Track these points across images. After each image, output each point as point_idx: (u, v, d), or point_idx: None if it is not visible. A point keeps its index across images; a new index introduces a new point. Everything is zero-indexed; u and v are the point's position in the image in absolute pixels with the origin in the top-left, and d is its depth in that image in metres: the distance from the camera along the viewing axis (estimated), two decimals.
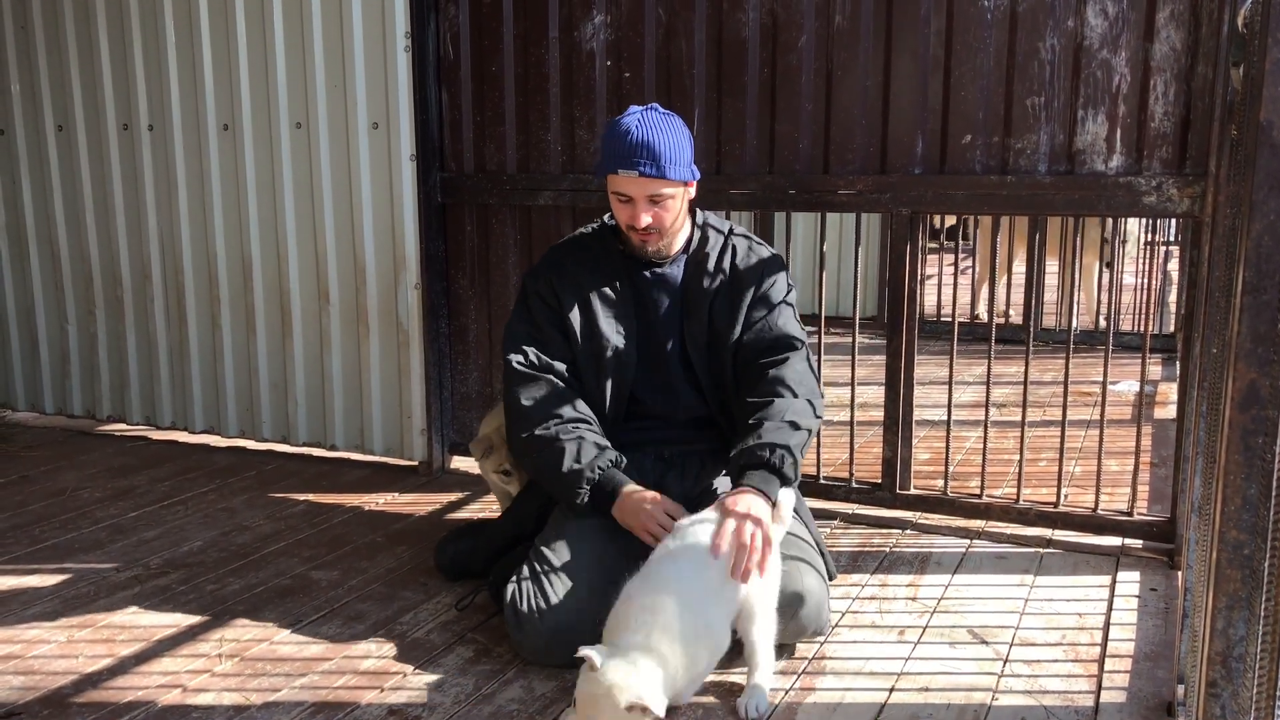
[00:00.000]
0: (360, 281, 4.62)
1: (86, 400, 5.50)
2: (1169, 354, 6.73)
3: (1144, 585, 3.38)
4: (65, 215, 5.35)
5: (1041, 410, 5.35)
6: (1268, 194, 1.42)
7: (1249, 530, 1.49)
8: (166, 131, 4.95)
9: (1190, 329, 3.41)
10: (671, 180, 2.87)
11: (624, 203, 2.92)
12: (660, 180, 2.85)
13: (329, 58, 4.50)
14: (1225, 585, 1.52)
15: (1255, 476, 1.48)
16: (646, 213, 2.89)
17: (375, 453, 4.73)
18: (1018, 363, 4.60)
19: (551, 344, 3.09)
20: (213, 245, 4.94)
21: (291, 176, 4.68)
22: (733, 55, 3.88)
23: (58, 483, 4.55)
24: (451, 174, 4.45)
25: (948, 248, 9.94)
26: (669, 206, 2.92)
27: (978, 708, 2.65)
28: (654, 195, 2.87)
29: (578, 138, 4.19)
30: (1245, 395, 1.46)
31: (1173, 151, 3.36)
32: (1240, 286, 1.46)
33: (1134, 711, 2.63)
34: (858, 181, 3.74)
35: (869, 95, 3.72)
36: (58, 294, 5.46)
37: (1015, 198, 3.56)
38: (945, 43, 3.59)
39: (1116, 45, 3.38)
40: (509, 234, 4.39)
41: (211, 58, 4.77)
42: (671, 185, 2.89)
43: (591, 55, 4.11)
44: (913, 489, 3.99)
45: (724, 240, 3.13)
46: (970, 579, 3.44)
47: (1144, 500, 3.83)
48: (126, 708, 2.71)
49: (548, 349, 3.09)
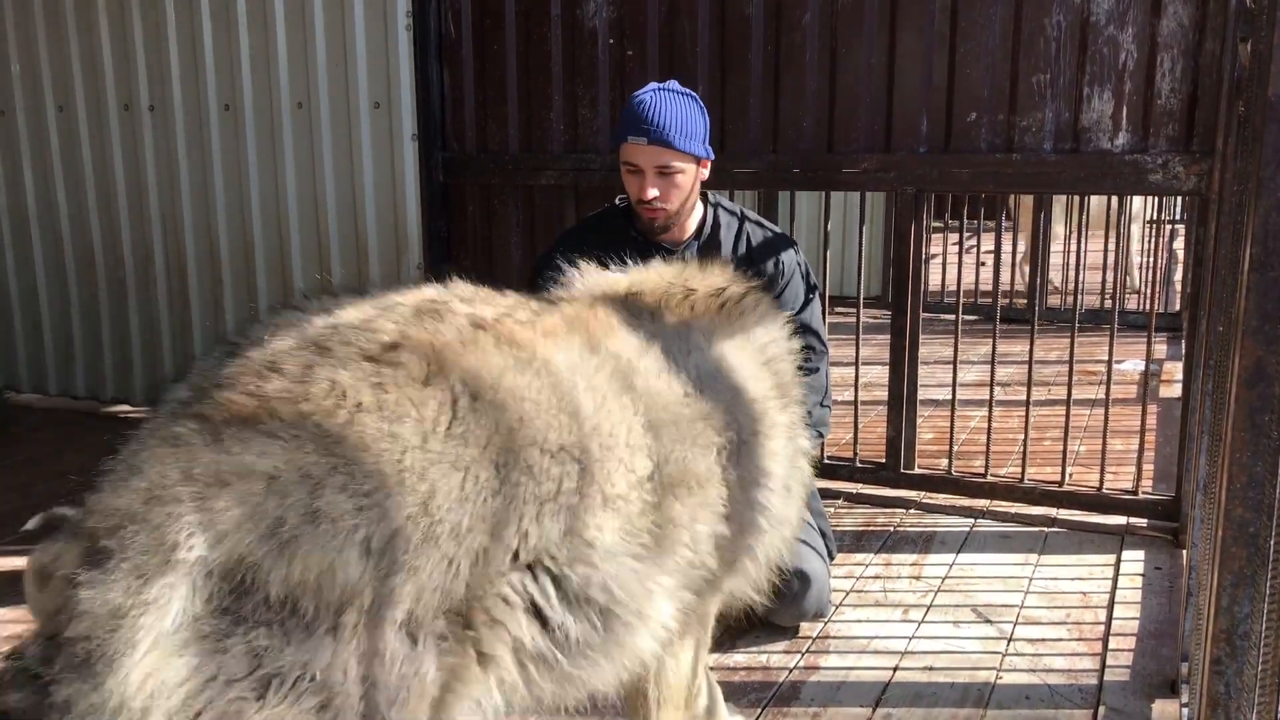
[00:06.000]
0: (363, 262, 4.61)
1: (90, 382, 5.50)
2: (1174, 333, 6.70)
3: (1148, 564, 3.38)
4: (67, 197, 5.34)
5: (1046, 389, 5.34)
6: (1276, 170, 1.41)
7: (1254, 508, 1.49)
8: (168, 112, 4.93)
9: (1196, 307, 3.39)
10: (680, 151, 2.83)
11: (632, 173, 2.89)
12: (668, 150, 2.82)
13: (330, 37, 4.47)
14: (1230, 563, 1.52)
15: (1261, 454, 1.47)
16: (653, 184, 2.86)
17: None
18: (1022, 342, 4.59)
19: None
20: (215, 226, 4.93)
21: (293, 157, 4.66)
22: (736, 33, 3.85)
23: (62, 464, 4.56)
24: (453, 154, 4.43)
25: (952, 226, 9.91)
26: (677, 181, 2.88)
27: (982, 686, 2.65)
28: (662, 167, 2.84)
29: (580, 116, 4.16)
30: (1252, 372, 1.45)
31: (1179, 129, 3.34)
32: (1247, 264, 1.45)
33: (1138, 689, 2.63)
34: (862, 160, 3.72)
35: (874, 73, 3.69)
36: (60, 276, 5.45)
37: (1021, 176, 3.53)
38: (950, 19, 3.55)
39: (1123, 21, 3.35)
40: (512, 214, 4.37)
41: (212, 37, 4.74)
42: (680, 158, 2.85)
43: (594, 33, 4.08)
44: (917, 468, 3.99)
45: (738, 226, 3.09)
46: (974, 558, 3.45)
47: (1149, 479, 3.82)
48: None
49: None
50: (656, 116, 2.80)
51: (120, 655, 1.18)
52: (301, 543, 1.25)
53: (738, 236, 3.08)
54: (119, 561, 1.20)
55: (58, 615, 1.23)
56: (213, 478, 1.25)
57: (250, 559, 1.23)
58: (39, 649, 1.23)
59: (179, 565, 1.21)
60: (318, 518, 1.27)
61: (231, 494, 1.24)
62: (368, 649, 1.31)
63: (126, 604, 1.19)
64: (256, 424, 1.31)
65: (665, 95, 2.85)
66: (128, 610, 1.19)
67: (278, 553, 1.24)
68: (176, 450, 1.28)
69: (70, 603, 1.20)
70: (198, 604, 1.22)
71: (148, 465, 1.27)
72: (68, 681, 1.18)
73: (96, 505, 1.27)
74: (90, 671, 1.18)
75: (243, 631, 1.23)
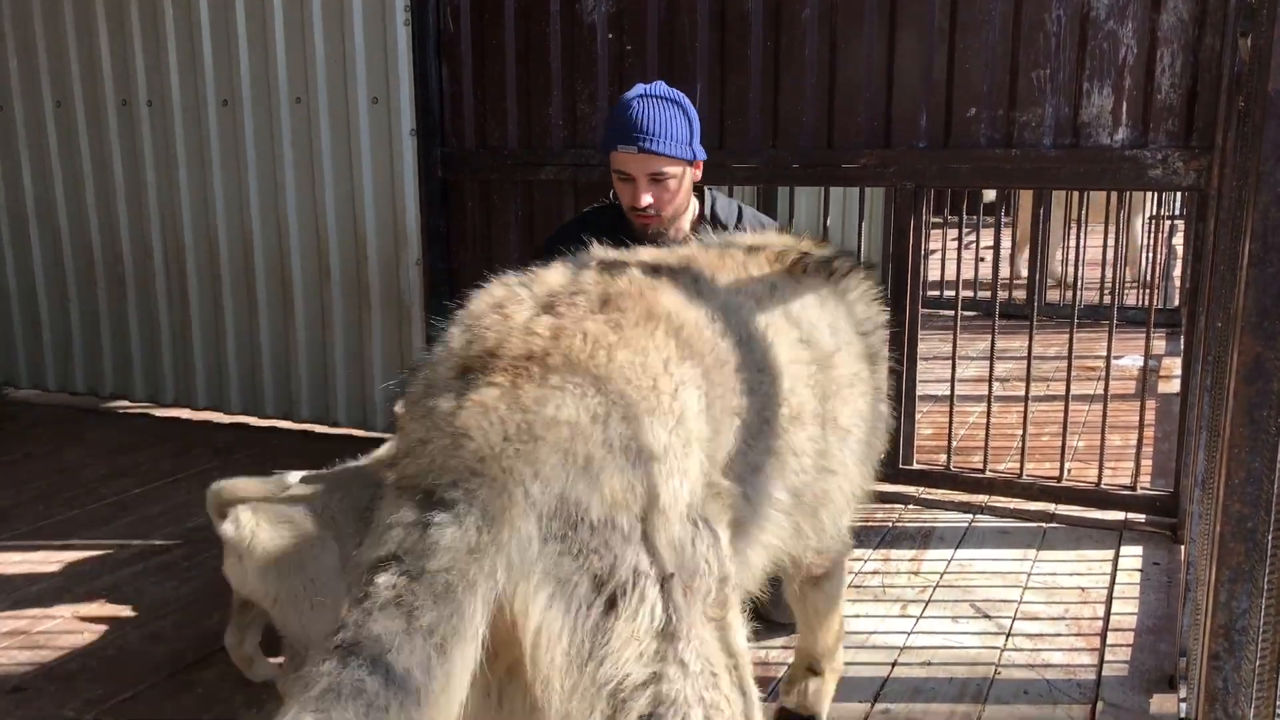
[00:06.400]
0: (362, 258, 4.60)
1: (89, 378, 5.50)
2: (1173, 328, 6.70)
3: (1146, 559, 3.38)
4: (65, 193, 5.33)
5: (1045, 385, 5.34)
6: (1275, 165, 1.41)
7: (1252, 503, 1.49)
8: (166, 107, 4.92)
9: (1195, 303, 3.39)
10: (671, 157, 2.80)
11: (625, 181, 2.86)
12: (659, 157, 2.79)
13: (328, 31, 4.46)
14: (1228, 558, 1.52)
15: (1260, 449, 1.47)
16: (647, 191, 2.82)
17: (378, 429, 4.73)
18: (1021, 337, 4.59)
19: None
20: (213, 222, 4.92)
21: (292, 152, 4.65)
22: (736, 28, 3.84)
23: (61, 460, 4.56)
24: (452, 149, 4.42)
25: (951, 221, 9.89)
26: (670, 186, 2.84)
27: (980, 681, 2.66)
28: (654, 173, 2.81)
29: (579, 112, 4.16)
30: (1250, 369, 1.45)
31: (1179, 124, 3.33)
32: (1246, 259, 1.45)
33: (1136, 684, 2.63)
34: (862, 156, 3.71)
35: (873, 69, 3.69)
36: (59, 272, 5.45)
37: (1020, 171, 3.53)
38: (950, 15, 3.55)
39: (1123, 16, 3.35)
40: (511, 209, 4.37)
41: (210, 32, 4.73)
42: (672, 163, 2.82)
43: (593, 28, 4.07)
44: (916, 464, 3.99)
45: (736, 221, 3.07)
46: (973, 553, 3.45)
47: (1147, 474, 3.82)
48: (132, 682, 2.73)
49: None
50: (645, 123, 2.77)
51: (478, 584, 1.40)
52: (606, 470, 1.50)
53: (737, 231, 3.06)
54: (467, 508, 1.43)
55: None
56: (527, 434, 1.49)
57: (573, 493, 1.47)
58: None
59: (518, 508, 1.44)
60: (611, 447, 1.52)
61: (545, 445, 1.48)
62: (669, 540, 1.54)
63: (481, 541, 1.41)
64: (544, 382, 1.54)
65: (652, 101, 2.81)
66: (483, 548, 1.41)
67: (591, 483, 1.48)
68: (487, 415, 1.50)
69: (423, 543, 1.41)
70: (539, 542, 1.44)
71: (471, 431, 1.49)
72: (427, 609, 1.37)
73: (431, 465, 1.48)
74: (452, 598, 1.38)
75: (581, 559, 1.46)
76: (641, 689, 1.47)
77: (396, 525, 1.44)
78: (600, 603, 1.46)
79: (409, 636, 1.35)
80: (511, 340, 1.62)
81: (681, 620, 1.52)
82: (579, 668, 1.44)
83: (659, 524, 1.53)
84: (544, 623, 1.43)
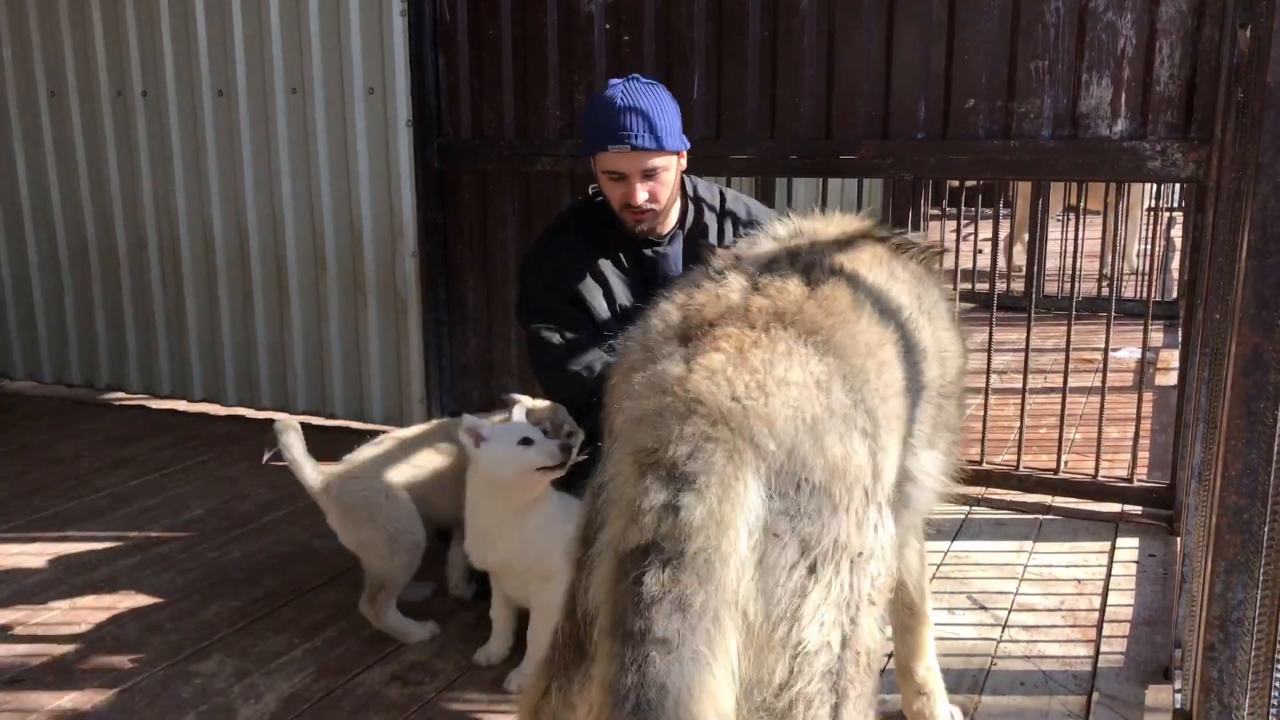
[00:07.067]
0: (358, 249, 4.59)
1: (84, 369, 5.49)
2: (1171, 320, 6.70)
3: (1143, 551, 3.39)
4: (59, 183, 5.31)
5: (1043, 377, 5.34)
6: (1274, 156, 1.40)
7: (1249, 495, 1.49)
8: (160, 97, 4.90)
9: (1193, 294, 3.39)
10: (664, 151, 2.74)
11: (615, 181, 2.78)
12: (654, 152, 2.72)
13: (324, 21, 4.44)
14: (1224, 549, 1.52)
15: (1257, 441, 1.47)
16: (643, 188, 2.75)
17: (375, 421, 4.73)
18: (1019, 329, 4.58)
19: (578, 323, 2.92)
20: (208, 213, 4.91)
21: (287, 143, 4.64)
22: (734, 18, 3.83)
23: (57, 452, 4.55)
24: (449, 140, 4.40)
25: (950, 213, 9.87)
26: (664, 180, 2.78)
27: (977, 672, 2.66)
28: (648, 169, 2.74)
29: (577, 102, 4.14)
30: (1248, 360, 1.45)
31: (1178, 115, 3.33)
32: (1245, 250, 1.44)
33: (1131, 675, 2.64)
34: (860, 147, 3.70)
35: (872, 60, 3.67)
36: (53, 263, 5.43)
37: (1019, 162, 3.52)
38: (948, 6, 3.54)
39: (1122, 7, 3.34)
40: (508, 201, 4.35)
41: (205, 22, 4.71)
42: (664, 156, 2.76)
43: (591, 18, 4.06)
44: None
45: (719, 204, 3.02)
46: (970, 545, 3.45)
47: (1144, 467, 3.83)
48: (129, 674, 2.73)
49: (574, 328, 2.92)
50: (633, 120, 2.70)
51: (730, 554, 1.43)
52: (829, 434, 1.53)
53: (722, 215, 3.02)
54: (707, 480, 1.45)
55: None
56: (758, 391, 1.52)
57: (800, 451, 1.50)
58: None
59: (749, 466, 1.47)
60: (834, 413, 1.55)
61: (775, 400, 1.52)
62: (868, 520, 1.58)
63: (725, 511, 1.44)
64: (771, 348, 1.59)
65: (635, 92, 2.74)
66: (727, 517, 1.44)
67: (815, 444, 1.51)
68: (715, 379, 1.54)
69: (671, 524, 1.43)
70: (766, 500, 1.48)
71: (703, 396, 1.52)
72: (696, 593, 1.41)
73: (668, 435, 1.49)
74: (713, 573, 1.42)
75: (795, 521, 1.49)
76: (815, 655, 1.51)
77: (648, 510, 1.44)
78: (803, 567, 1.49)
79: (687, 620, 1.39)
80: (732, 314, 1.68)
81: (860, 599, 1.56)
82: (772, 626, 1.48)
83: (865, 500, 1.57)
84: (752, 578, 1.47)
